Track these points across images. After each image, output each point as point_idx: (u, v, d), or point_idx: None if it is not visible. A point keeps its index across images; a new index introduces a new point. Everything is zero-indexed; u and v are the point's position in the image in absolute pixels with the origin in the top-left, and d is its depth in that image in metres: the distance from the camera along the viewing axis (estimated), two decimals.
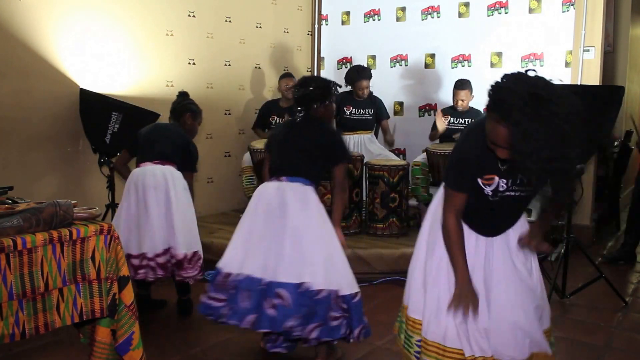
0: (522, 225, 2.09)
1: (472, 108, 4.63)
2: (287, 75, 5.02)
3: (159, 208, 3.07)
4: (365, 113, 4.88)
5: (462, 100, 4.55)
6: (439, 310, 2.00)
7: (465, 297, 1.94)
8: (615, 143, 5.53)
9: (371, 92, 4.97)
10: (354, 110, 4.88)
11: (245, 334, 3.00)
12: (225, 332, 3.05)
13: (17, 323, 1.81)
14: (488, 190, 1.92)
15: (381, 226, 4.26)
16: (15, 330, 1.80)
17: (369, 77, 4.89)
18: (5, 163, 3.61)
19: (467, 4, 5.02)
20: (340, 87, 2.77)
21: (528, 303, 2.01)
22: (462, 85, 4.57)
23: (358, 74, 4.88)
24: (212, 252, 3.66)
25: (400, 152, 5.46)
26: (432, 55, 5.27)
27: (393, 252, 3.90)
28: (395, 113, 5.47)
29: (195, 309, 3.26)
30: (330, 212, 2.67)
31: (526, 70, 1.69)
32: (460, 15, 5.07)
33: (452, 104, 4.69)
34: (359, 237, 4.23)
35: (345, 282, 2.52)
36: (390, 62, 5.49)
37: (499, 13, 4.86)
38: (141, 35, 4.35)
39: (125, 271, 2.05)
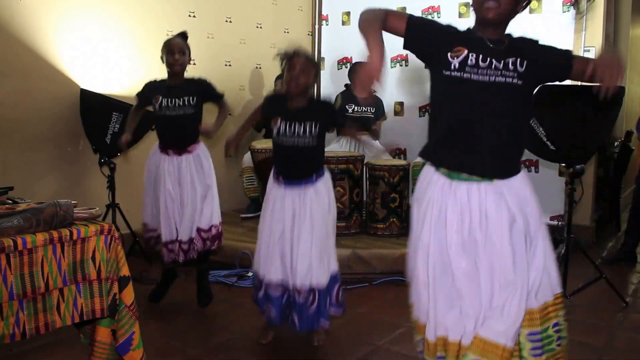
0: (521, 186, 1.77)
1: None
2: (282, 77, 5.03)
3: None
4: (367, 111, 4.89)
5: None
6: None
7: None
8: (616, 143, 5.53)
9: (374, 92, 4.98)
10: (356, 108, 4.89)
11: (247, 334, 3.00)
12: (226, 332, 3.05)
13: (17, 323, 1.80)
14: (455, 62, 1.72)
15: (381, 226, 4.26)
16: (15, 330, 1.80)
17: None
18: (6, 163, 3.61)
19: (467, 4, 5.02)
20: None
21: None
22: None
23: (358, 64, 4.96)
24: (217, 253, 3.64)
25: (400, 152, 5.46)
26: None
27: (393, 252, 3.90)
28: (396, 113, 5.47)
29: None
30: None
31: None
32: (460, 15, 5.07)
33: None
34: (359, 237, 4.23)
35: None
36: (391, 62, 5.48)
37: None
38: (141, 36, 4.35)
39: (125, 271, 2.05)
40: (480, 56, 1.71)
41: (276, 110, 2.74)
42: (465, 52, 1.72)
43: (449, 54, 1.73)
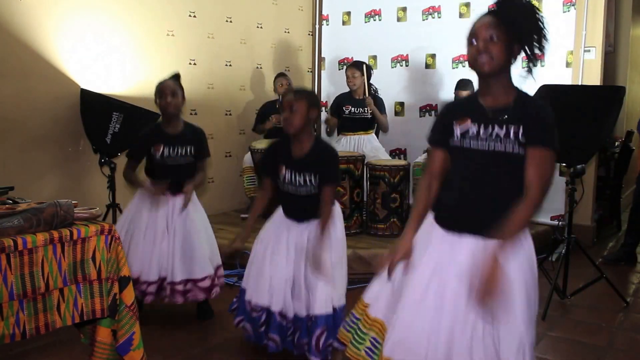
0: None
1: None
2: (281, 75, 5.03)
3: None
4: (364, 112, 4.87)
5: None
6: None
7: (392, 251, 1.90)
8: (616, 143, 5.53)
9: (372, 92, 4.96)
10: (352, 109, 4.88)
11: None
12: (227, 333, 3.05)
13: (17, 323, 1.81)
14: (457, 132, 1.84)
15: (382, 226, 4.25)
16: (15, 331, 1.80)
17: (360, 68, 4.84)
18: (6, 163, 3.61)
19: (467, 4, 5.01)
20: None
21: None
22: (464, 85, 4.56)
23: (353, 63, 4.93)
24: None
25: (401, 153, 5.46)
26: (433, 56, 5.27)
27: None
28: (396, 113, 5.46)
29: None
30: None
31: None
32: (461, 15, 5.06)
33: None
34: (360, 237, 4.23)
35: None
36: (391, 62, 5.48)
37: None
38: (142, 36, 4.35)
39: (126, 271, 2.05)
40: (482, 125, 1.79)
41: (280, 157, 2.66)
42: (469, 121, 1.82)
43: (454, 122, 1.85)
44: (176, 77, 3.16)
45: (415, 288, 1.87)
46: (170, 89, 3.06)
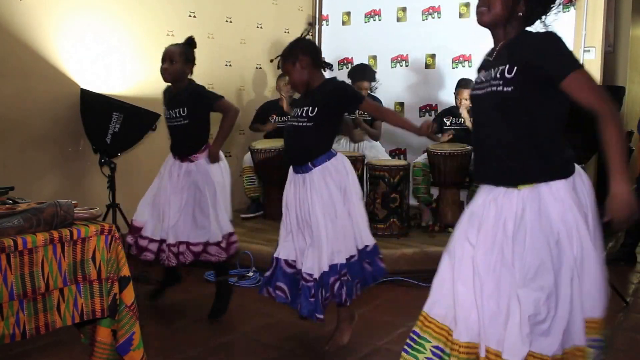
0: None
1: None
2: (284, 75, 5.02)
3: None
4: (364, 112, 4.88)
5: (466, 99, 4.55)
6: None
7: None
8: None
9: (370, 93, 4.97)
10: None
11: (247, 334, 3.00)
12: (227, 333, 3.05)
13: (17, 323, 1.80)
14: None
15: (382, 226, 4.25)
16: (15, 331, 1.80)
17: (372, 79, 4.91)
18: (6, 163, 3.61)
19: (467, 4, 5.02)
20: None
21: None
22: (466, 84, 4.56)
23: (357, 74, 4.91)
24: None
25: (400, 153, 5.46)
26: (433, 56, 5.27)
27: (393, 253, 3.89)
28: None
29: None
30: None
31: None
32: (460, 15, 5.07)
33: (455, 104, 4.69)
34: None
35: None
36: (391, 62, 5.49)
37: None
38: (142, 36, 4.35)
39: (126, 271, 2.05)
40: (484, 71, 1.83)
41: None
42: (482, 72, 1.85)
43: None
44: (187, 42, 3.18)
45: (450, 245, 1.89)
46: (169, 55, 3.08)
